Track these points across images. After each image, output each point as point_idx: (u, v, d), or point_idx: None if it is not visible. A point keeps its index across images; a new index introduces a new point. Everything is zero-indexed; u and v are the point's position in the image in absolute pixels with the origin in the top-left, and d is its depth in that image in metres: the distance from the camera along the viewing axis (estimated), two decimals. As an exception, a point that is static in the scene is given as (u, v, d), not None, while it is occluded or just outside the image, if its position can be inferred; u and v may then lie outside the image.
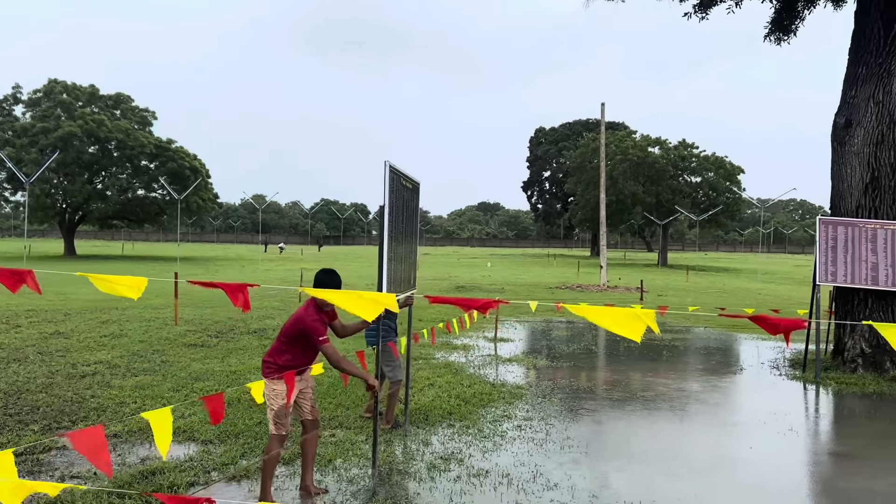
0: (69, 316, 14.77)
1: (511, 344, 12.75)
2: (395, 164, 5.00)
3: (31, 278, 2.08)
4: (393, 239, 5.03)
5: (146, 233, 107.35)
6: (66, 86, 49.41)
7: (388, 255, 4.72)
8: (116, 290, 2.18)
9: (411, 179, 5.82)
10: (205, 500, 2.12)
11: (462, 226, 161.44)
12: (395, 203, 5.06)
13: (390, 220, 4.89)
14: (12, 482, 1.94)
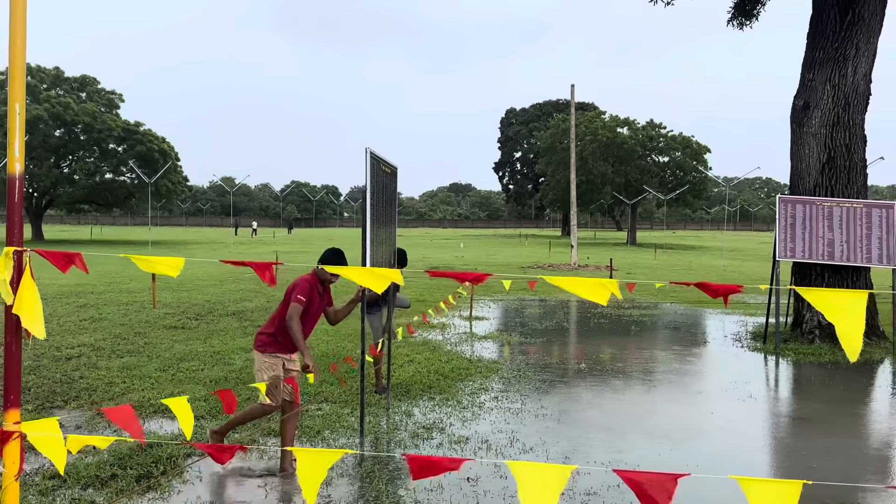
0: (46, 300, 14.78)
1: (486, 322, 13.14)
2: (375, 151, 5.28)
3: (79, 260, 2.35)
4: (374, 222, 5.33)
5: (114, 217, 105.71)
6: (29, 67, 48.26)
7: (370, 237, 5.02)
8: (158, 270, 2.45)
9: (390, 164, 6.10)
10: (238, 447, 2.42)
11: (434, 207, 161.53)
12: (375, 188, 5.35)
13: (372, 205, 5.18)
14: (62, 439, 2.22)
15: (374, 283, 2.37)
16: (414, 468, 2.13)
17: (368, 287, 2.48)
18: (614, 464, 5.33)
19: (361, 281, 2.41)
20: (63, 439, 2.23)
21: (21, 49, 2.12)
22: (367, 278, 2.40)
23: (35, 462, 5.18)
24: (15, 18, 2.12)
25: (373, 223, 5.23)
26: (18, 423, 2.21)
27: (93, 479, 4.81)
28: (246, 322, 12.27)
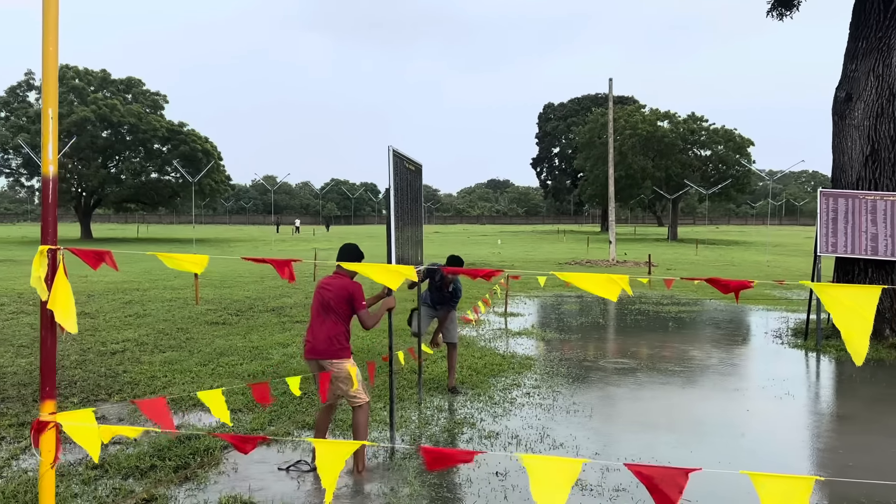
0: (93, 297, 15.26)
1: (521, 318, 13.13)
2: (397, 149, 5.34)
3: (109, 257, 2.45)
4: (399, 219, 5.39)
5: (160, 215, 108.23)
6: (77, 71, 49.78)
7: (395, 234, 5.08)
8: (183, 267, 2.54)
9: (414, 162, 6.16)
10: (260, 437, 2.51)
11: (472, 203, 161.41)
12: (399, 185, 5.41)
13: (396, 202, 5.24)
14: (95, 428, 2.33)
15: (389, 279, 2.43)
16: (428, 459, 2.18)
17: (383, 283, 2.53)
18: (645, 460, 5.31)
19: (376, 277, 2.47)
20: (96, 429, 2.35)
21: (53, 57, 2.23)
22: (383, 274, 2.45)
23: (78, 453, 5.38)
24: (47, 28, 2.22)
25: (397, 220, 5.30)
26: (54, 413, 2.32)
27: (133, 470, 4.98)
28: (284, 318, 12.49)
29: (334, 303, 5.01)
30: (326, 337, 4.98)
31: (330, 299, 5.03)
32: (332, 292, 5.04)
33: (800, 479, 1.90)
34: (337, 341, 4.99)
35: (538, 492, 2.00)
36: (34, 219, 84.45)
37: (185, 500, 4.52)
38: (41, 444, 2.28)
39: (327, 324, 5.01)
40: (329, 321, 5.01)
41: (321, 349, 5.01)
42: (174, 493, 4.64)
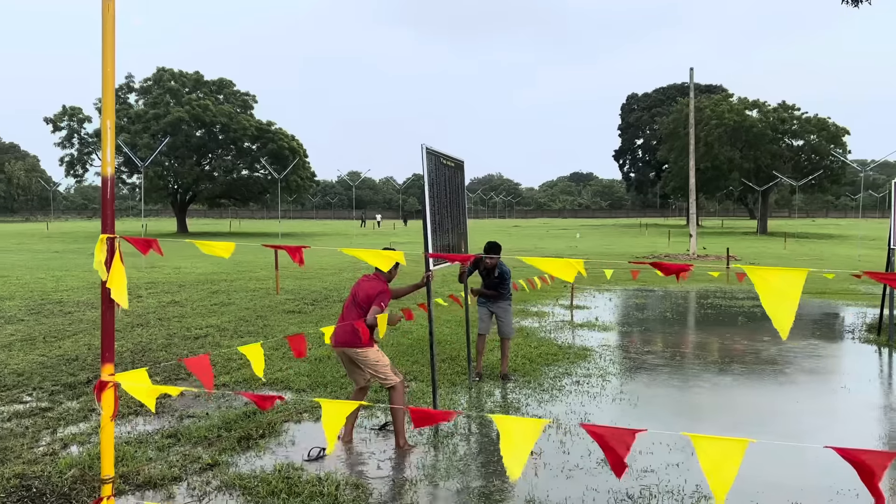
0: (183, 287, 16.36)
1: (586, 311, 13.21)
2: (431, 147, 5.67)
3: (156, 245, 2.89)
4: (437, 212, 5.72)
5: (251, 210, 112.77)
6: (173, 73, 52.64)
7: (430, 225, 5.43)
8: (215, 252, 2.95)
9: (453, 158, 6.47)
10: (278, 396, 2.89)
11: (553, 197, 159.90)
12: (435, 180, 5.73)
13: (431, 195, 5.58)
14: (148, 386, 2.77)
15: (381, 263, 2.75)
16: (415, 418, 2.50)
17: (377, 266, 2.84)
18: (676, 446, 5.43)
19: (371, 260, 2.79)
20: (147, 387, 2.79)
21: (111, 77, 2.67)
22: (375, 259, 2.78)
23: (155, 423, 6.01)
24: (106, 52, 2.66)
25: (433, 212, 5.63)
26: (113, 374, 2.77)
27: (202, 439, 5.54)
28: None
29: (363, 300, 5.50)
30: (352, 330, 5.43)
31: (360, 297, 5.53)
32: (363, 291, 5.54)
33: (735, 441, 2.10)
34: (360, 334, 5.40)
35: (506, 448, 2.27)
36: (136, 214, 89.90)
37: (243, 466, 5.02)
38: (102, 401, 2.73)
39: (353, 318, 5.47)
40: (354, 315, 5.49)
41: (344, 340, 5.48)
42: (235, 459, 5.15)
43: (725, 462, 2.06)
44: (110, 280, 2.65)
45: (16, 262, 24.11)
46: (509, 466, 2.27)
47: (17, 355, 8.70)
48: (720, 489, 2.07)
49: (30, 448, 5.37)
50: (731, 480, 2.07)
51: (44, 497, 4.45)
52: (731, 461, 2.05)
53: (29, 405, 6.57)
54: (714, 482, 2.09)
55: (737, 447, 2.09)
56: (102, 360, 2.76)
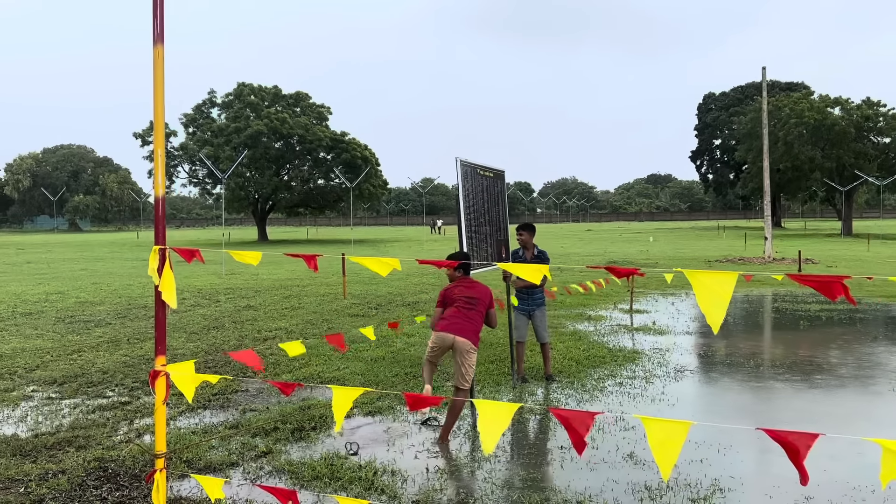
0: (259, 293, 17.27)
1: (645, 315, 13.23)
2: (465, 159, 6.04)
3: (198, 254, 3.37)
4: (473, 220, 6.08)
5: (328, 218, 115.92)
6: (252, 88, 54.99)
7: (465, 232, 5.80)
8: (245, 260, 3.40)
9: (492, 169, 6.81)
10: (298, 384, 3.31)
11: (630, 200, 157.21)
12: (471, 190, 6.09)
13: (465, 205, 5.94)
14: (191, 375, 3.24)
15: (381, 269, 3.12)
16: (409, 402, 2.86)
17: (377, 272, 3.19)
18: (706, 445, 5.58)
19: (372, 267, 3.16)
20: (191, 376, 3.27)
21: (161, 112, 3.16)
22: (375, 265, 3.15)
23: (220, 416, 6.60)
24: (157, 88, 3.16)
25: (468, 220, 5.99)
26: (164, 365, 3.26)
27: (259, 430, 6.08)
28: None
29: (480, 300, 5.97)
30: (474, 329, 5.90)
31: (477, 297, 5.97)
32: (478, 292, 5.99)
33: (678, 423, 2.35)
34: (476, 332, 5.93)
35: (483, 429, 2.60)
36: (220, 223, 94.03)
37: (294, 454, 5.51)
38: (156, 388, 3.22)
39: (474, 317, 5.94)
40: (474, 314, 5.95)
41: (465, 335, 5.86)
42: (287, 448, 5.65)
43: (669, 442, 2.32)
44: (161, 284, 3.13)
45: (108, 270, 25.87)
46: (484, 442, 2.62)
47: (104, 355, 9.56)
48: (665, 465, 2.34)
49: (108, 436, 6.04)
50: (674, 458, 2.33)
51: (118, 477, 5.05)
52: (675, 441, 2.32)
53: (111, 399, 7.29)
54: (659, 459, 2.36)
55: (680, 428, 2.35)
56: (156, 352, 3.24)
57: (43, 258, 34.23)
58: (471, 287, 6.07)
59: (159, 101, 3.10)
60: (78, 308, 14.61)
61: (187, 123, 55.48)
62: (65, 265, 29.01)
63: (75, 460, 5.37)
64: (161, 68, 3.11)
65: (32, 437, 6.00)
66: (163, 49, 3.13)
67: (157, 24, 3.11)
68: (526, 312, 7.97)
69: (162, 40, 3.11)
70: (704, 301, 2.40)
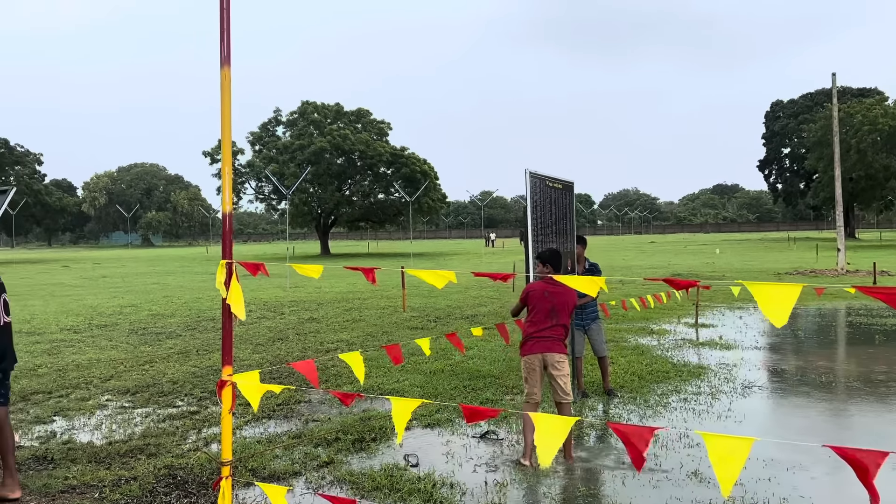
0: (322, 305, 17.61)
1: (712, 329, 12.88)
2: (535, 171, 6.02)
3: (263, 268, 3.48)
4: (540, 232, 6.06)
5: (388, 232, 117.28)
6: (316, 106, 56.31)
7: (532, 245, 5.78)
8: (308, 273, 3.49)
9: (560, 181, 6.77)
10: (357, 394, 3.37)
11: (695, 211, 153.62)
12: (539, 202, 6.08)
13: (534, 217, 5.93)
14: (256, 384, 3.34)
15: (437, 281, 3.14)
16: (466, 414, 2.87)
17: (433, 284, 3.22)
18: (774, 463, 5.40)
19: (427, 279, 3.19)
20: (256, 385, 3.37)
21: (228, 133, 3.30)
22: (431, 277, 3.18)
23: (284, 426, 6.75)
24: (224, 110, 3.30)
25: (535, 232, 5.98)
26: (231, 375, 3.37)
27: (321, 440, 6.19)
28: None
29: (563, 306, 5.71)
30: (557, 336, 5.70)
31: (559, 302, 5.70)
32: (561, 297, 5.69)
33: (741, 439, 2.29)
34: (561, 341, 5.72)
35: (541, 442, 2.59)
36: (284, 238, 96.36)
37: (355, 464, 5.59)
38: (222, 397, 3.33)
39: (556, 326, 5.70)
40: (557, 323, 5.71)
41: (552, 346, 5.68)
42: (348, 459, 5.73)
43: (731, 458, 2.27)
44: (229, 297, 3.25)
45: (178, 284, 26.82)
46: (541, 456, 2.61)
47: (174, 366, 9.91)
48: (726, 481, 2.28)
49: (178, 444, 6.25)
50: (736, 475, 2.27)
51: (186, 484, 5.22)
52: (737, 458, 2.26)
53: (180, 409, 7.55)
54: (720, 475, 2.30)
55: (743, 445, 2.29)
56: (223, 363, 3.36)
57: (117, 272, 35.74)
58: (555, 288, 5.72)
59: (226, 122, 3.23)
60: (150, 320, 15.19)
61: (254, 141, 57.20)
62: (138, 279, 30.23)
63: (146, 467, 5.58)
64: (228, 89, 3.25)
65: (107, 445, 6.26)
66: (229, 71, 3.27)
67: (224, 46, 3.25)
68: (581, 327, 7.88)
69: (229, 62, 3.25)
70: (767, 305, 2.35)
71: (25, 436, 6.63)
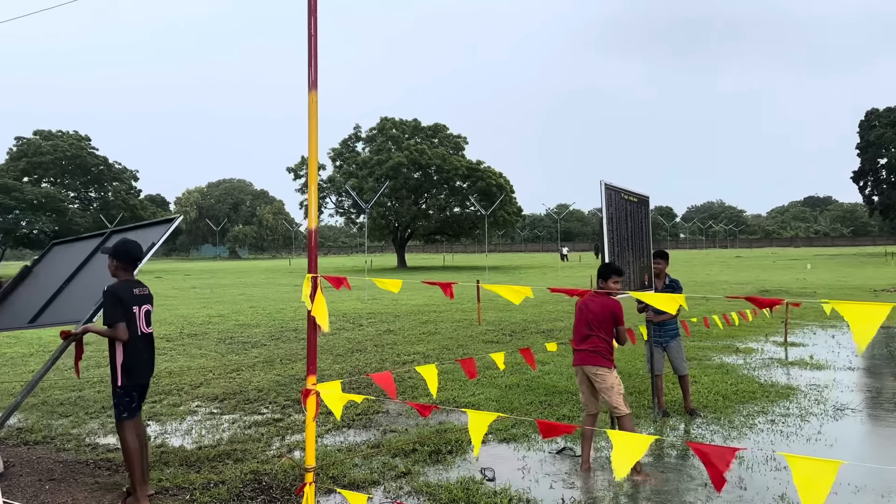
0: (399, 318, 17.87)
1: (802, 349, 12.33)
2: (611, 182, 5.97)
3: (345, 281, 3.61)
4: (616, 244, 6.00)
5: (464, 245, 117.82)
6: (394, 122, 57.39)
7: (609, 259, 5.72)
8: (387, 287, 3.60)
9: (637, 194, 6.69)
10: (435, 406, 3.43)
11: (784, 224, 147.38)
12: (614, 215, 6.02)
13: (609, 230, 5.88)
14: (339, 394, 3.46)
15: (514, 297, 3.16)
16: (541, 429, 2.88)
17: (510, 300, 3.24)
18: (866, 490, 5.13)
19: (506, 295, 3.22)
20: (338, 395, 3.49)
21: (314, 148, 3.45)
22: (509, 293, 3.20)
23: (363, 435, 6.90)
24: (311, 132, 3.45)
25: (612, 244, 5.93)
26: (315, 384, 3.51)
27: (399, 451, 6.30)
28: (552, 339, 13.44)
29: (597, 319, 5.74)
30: (592, 348, 5.72)
31: (592, 316, 5.76)
32: (594, 310, 5.76)
33: (827, 462, 2.20)
34: (600, 354, 5.71)
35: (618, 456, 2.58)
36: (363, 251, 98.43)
37: (432, 475, 5.66)
38: (307, 405, 3.47)
39: (592, 338, 5.74)
40: (593, 335, 5.74)
41: (587, 359, 5.77)
42: (425, 470, 5.81)
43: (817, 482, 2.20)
44: (315, 309, 3.40)
45: (263, 295, 27.76)
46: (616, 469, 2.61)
47: (259, 374, 10.28)
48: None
49: (263, 451, 6.49)
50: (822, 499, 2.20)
51: (270, 489, 5.42)
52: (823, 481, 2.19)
53: (265, 416, 7.83)
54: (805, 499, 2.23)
55: (830, 468, 2.22)
56: (308, 372, 3.50)
57: (206, 284, 37.32)
58: (592, 302, 5.79)
59: (313, 143, 3.39)
60: (237, 330, 15.80)
61: (335, 157, 58.77)
62: (225, 290, 31.47)
63: (234, 472, 5.83)
64: (315, 113, 3.41)
65: (196, 449, 6.57)
66: (316, 95, 3.43)
67: (312, 72, 3.42)
68: (659, 344, 7.73)
69: (316, 87, 3.41)
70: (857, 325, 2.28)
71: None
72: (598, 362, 5.70)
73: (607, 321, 5.73)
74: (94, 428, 7.49)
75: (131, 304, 5.06)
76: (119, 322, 4.93)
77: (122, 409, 5.08)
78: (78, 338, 5.29)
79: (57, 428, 7.43)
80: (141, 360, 5.11)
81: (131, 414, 5.12)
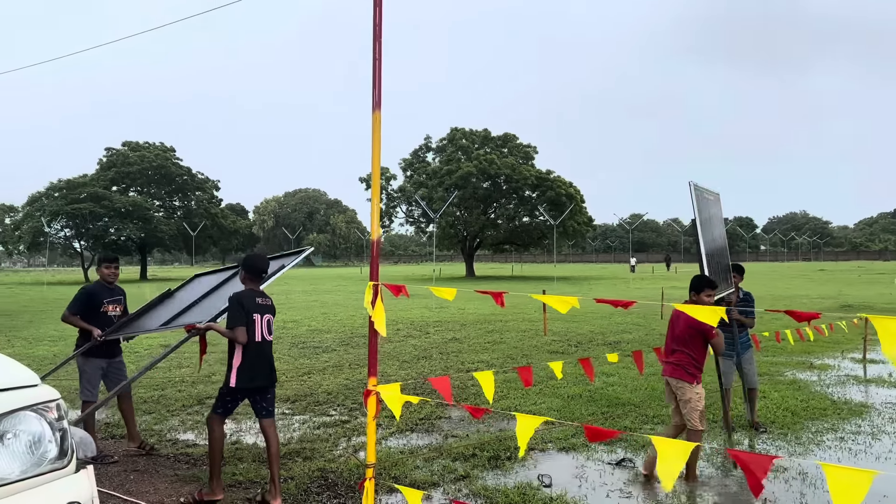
0: (465, 326, 18.06)
1: (881, 366, 11.86)
2: (697, 183, 6.00)
3: (404, 290, 3.83)
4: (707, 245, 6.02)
5: (533, 255, 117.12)
6: (464, 132, 57.83)
7: (706, 260, 5.76)
8: (443, 295, 3.79)
9: (712, 192, 6.70)
10: (486, 409, 3.59)
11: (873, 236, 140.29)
12: (707, 217, 6.03)
13: (703, 230, 5.90)
14: (398, 395, 3.68)
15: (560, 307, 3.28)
16: (588, 434, 3.00)
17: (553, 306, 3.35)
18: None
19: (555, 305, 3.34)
20: (397, 396, 3.70)
21: (377, 164, 3.69)
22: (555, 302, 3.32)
23: (425, 439, 7.11)
24: (374, 148, 3.70)
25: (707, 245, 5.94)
26: (375, 385, 3.73)
27: (459, 455, 6.48)
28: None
29: (683, 332, 5.82)
30: (675, 361, 5.83)
31: (680, 329, 5.85)
32: (681, 323, 5.83)
33: (861, 472, 2.24)
34: (683, 368, 5.78)
35: (662, 467, 2.67)
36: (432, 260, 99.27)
37: (489, 480, 5.82)
38: (368, 405, 3.69)
39: (677, 353, 5.85)
40: (678, 351, 5.84)
41: (671, 372, 5.87)
42: (483, 474, 5.97)
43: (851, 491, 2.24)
44: (374, 315, 3.63)
45: (335, 301, 28.49)
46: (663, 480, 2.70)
47: (329, 378, 10.66)
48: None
49: (330, 450, 6.79)
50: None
51: (336, 487, 5.70)
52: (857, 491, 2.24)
53: (333, 418, 8.16)
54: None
55: (865, 478, 2.26)
56: (369, 374, 3.74)
57: (282, 290, 38.51)
58: (680, 319, 5.83)
59: (376, 159, 3.63)
60: (309, 335, 16.34)
61: (405, 167, 59.66)
62: (299, 297, 32.44)
63: (302, 469, 6.14)
64: (378, 131, 3.65)
65: (269, 446, 6.92)
66: (380, 114, 3.67)
67: (376, 92, 3.66)
68: (731, 357, 7.62)
69: (379, 107, 3.65)
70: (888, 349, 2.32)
71: (200, 435, 7.47)
72: (679, 375, 5.79)
73: (694, 338, 5.78)
74: (174, 424, 7.97)
75: (253, 311, 5.37)
76: (239, 326, 5.27)
77: (220, 406, 5.45)
78: (201, 332, 5.69)
79: (140, 424, 7.94)
80: (257, 365, 5.39)
81: (226, 413, 5.49)
